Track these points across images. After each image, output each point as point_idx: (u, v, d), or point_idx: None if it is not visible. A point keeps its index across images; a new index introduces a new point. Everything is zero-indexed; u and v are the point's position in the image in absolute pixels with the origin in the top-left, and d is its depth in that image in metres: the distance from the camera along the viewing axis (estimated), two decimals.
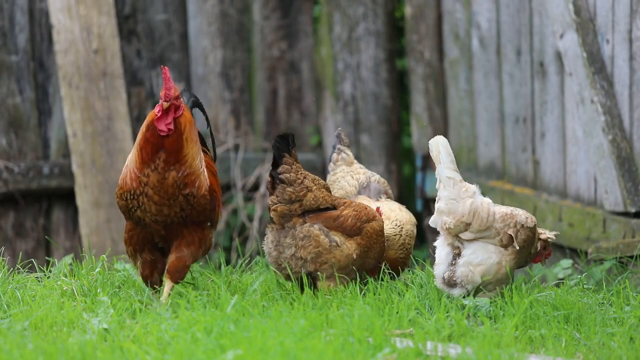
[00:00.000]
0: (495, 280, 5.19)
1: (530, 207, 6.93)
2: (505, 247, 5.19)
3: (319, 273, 5.21)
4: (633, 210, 6.26)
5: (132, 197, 5.05)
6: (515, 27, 7.14)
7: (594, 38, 6.43)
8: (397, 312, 4.79)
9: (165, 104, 5.00)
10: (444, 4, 7.73)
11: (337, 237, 5.21)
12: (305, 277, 5.18)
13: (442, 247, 5.27)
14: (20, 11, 7.45)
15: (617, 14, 6.28)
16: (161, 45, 7.84)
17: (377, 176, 5.87)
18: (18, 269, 5.44)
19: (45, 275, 5.41)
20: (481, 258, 5.19)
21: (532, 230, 5.24)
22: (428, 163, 7.91)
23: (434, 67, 7.86)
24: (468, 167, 7.57)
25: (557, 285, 6.17)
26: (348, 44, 8.04)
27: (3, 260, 5.41)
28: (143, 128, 5.06)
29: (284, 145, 5.16)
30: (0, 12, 7.41)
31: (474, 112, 7.57)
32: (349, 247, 5.22)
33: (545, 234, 5.38)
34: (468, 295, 5.19)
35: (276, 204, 5.21)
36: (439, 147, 5.25)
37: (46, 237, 7.57)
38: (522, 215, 5.22)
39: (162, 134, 5.01)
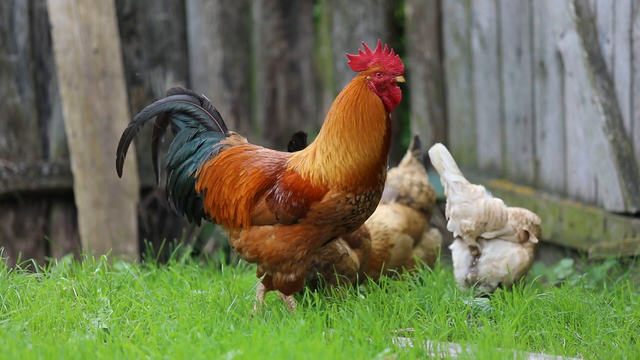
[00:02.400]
0: (518, 272, 5.28)
1: (531, 207, 6.93)
2: (522, 243, 5.30)
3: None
4: (634, 210, 6.25)
5: (366, 199, 4.65)
6: (516, 26, 7.14)
7: (595, 38, 6.42)
8: (397, 313, 4.79)
9: (401, 78, 4.58)
10: (445, 3, 7.72)
11: (347, 247, 5.23)
12: (320, 278, 5.19)
13: (460, 251, 5.35)
14: (19, 11, 7.44)
15: (617, 13, 6.27)
16: (161, 45, 7.83)
17: (406, 180, 5.90)
18: (17, 269, 5.44)
19: (44, 275, 5.40)
20: (502, 252, 5.29)
21: (539, 228, 5.36)
22: (428, 163, 7.90)
23: (434, 66, 7.85)
24: (468, 167, 7.56)
25: (558, 285, 6.18)
26: (348, 43, 8.03)
27: (3, 260, 5.40)
28: (375, 115, 4.57)
29: (300, 143, 5.12)
30: (0, 11, 7.41)
31: (474, 112, 7.56)
32: (354, 257, 5.25)
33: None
34: (492, 292, 5.27)
35: None
36: (440, 155, 5.32)
37: (46, 237, 7.57)
38: (529, 213, 5.36)
39: (389, 110, 4.57)
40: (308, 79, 8.19)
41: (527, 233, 5.33)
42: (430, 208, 5.90)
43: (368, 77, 4.62)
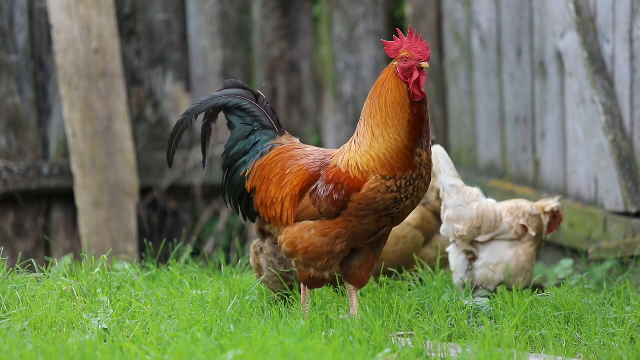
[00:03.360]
0: (517, 271, 5.26)
1: None
2: (520, 238, 5.29)
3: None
4: (634, 210, 6.25)
5: (408, 183, 4.60)
6: (516, 26, 7.14)
7: (595, 38, 6.42)
8: (397, 313, 4.79)
9: (426, 64, 4.57)
10: (445, 3, 7.72)
11: None
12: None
13: (456, 255, 5.35)
14: (19, 11, 7.44)
15: (617, 13, 6.27)
16: (161, 45, 7.83)
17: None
18: (17, 269, 5.43)
19: (44, 275, 5.40)
20: (499, 257, 5.28)
21: (539, 217, 5.35)
22: None
23: (434, 66, 7.85)
24: (468, 167, 7.56)
25: (558, 285, 6.17)
26: (348, 43, 8.03)
27: (3, 260, 5.40)
28: (398, 100, 4.57)
29: None
30: (0, 11, 7.40)
31: (474, 112, 7.56)
32: None
33: (549, 205, 5.47)
34: (494, 293, 5.29)
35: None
36: (438, 157, 5.32)
37: (46, 237, 7.56)
38: (526, 205, 5.34)
39: (418, 99, 4.56)
40: (308, 79, 8.18)
41: (524, 227, 5.32)
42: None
43: (396, 62, 4.63)
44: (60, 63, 7.45)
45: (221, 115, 4.92)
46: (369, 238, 4.72)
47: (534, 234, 5.33)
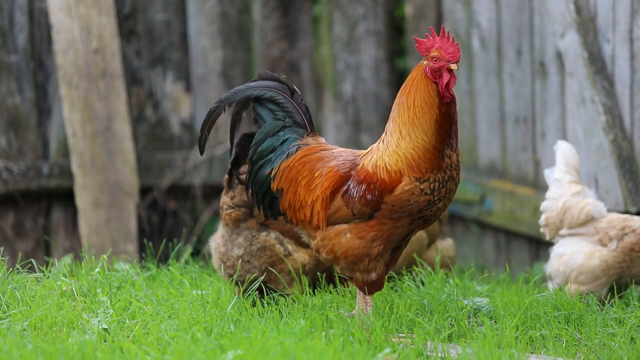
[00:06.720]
0: (580, 270, 5.25)
1: (531, 208, 6.92)
2: (605, 246, 5.29)
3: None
4: (634, 210, 6.25)
5: (441, 185, 4.55)
6: (516, 26, 7.14)
7: (595, 38, 6.42)
8: (397, 312, 4.79)
9: (455, 67, 4.53)
10: (445, 3, 7.72)
11: (290, 246, 5.11)
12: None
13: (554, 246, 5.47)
14: (19, 11, 7.44)
15: (617, 13, 6.27)
16: (161, 45, 7.83)
17: None
18: (17, 269, 5.43)
19: (44, 275, 5.40)
20: (565, 249, 5.34)
21: None
22: None
23: None
24: (468, 167, 7.56)
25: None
26: (348, 43, 8.03)
27: (3, 260, 5.39)
28: (426, 100, 4.52)
29: (249, 144, 4.87)
30: (0, 11, 7.40)
31: (474, 112, 7.56)
32: (299, 258, 5.11)
33: None
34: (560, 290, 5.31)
35: (232, 208, 5.09)
36: (557, 152, 5.51)
37: (46, 237, 7.56)
38: (638, 221, 5.29)
39: (447, 100, 4.52)
40: (308, 79, 8.18)
41: (610, 238, 5.26)
42: (444, 216, 5.85)
43: (425, 62, 4.58)
44: (60, 63, 7.45)
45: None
46: (401, 241, 4.68)
47: (612, 246, 5.29)
